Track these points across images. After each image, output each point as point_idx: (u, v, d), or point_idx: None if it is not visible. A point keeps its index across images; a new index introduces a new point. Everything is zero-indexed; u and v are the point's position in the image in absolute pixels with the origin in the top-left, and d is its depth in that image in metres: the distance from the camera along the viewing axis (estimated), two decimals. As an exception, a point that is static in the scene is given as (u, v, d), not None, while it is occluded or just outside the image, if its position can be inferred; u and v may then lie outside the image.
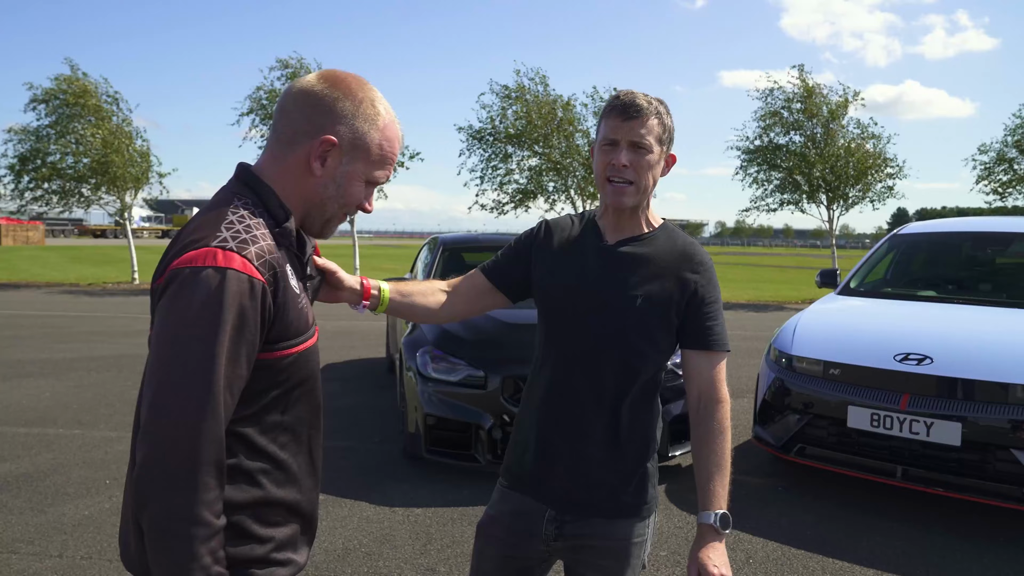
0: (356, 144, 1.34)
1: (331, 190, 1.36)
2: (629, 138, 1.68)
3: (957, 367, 4.07)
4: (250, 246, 1.22)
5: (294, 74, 19.08)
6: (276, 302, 1.25)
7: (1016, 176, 19.83)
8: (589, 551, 1.74)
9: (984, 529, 4.10)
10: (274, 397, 1.29)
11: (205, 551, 1.13)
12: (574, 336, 1.74)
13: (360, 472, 4.99)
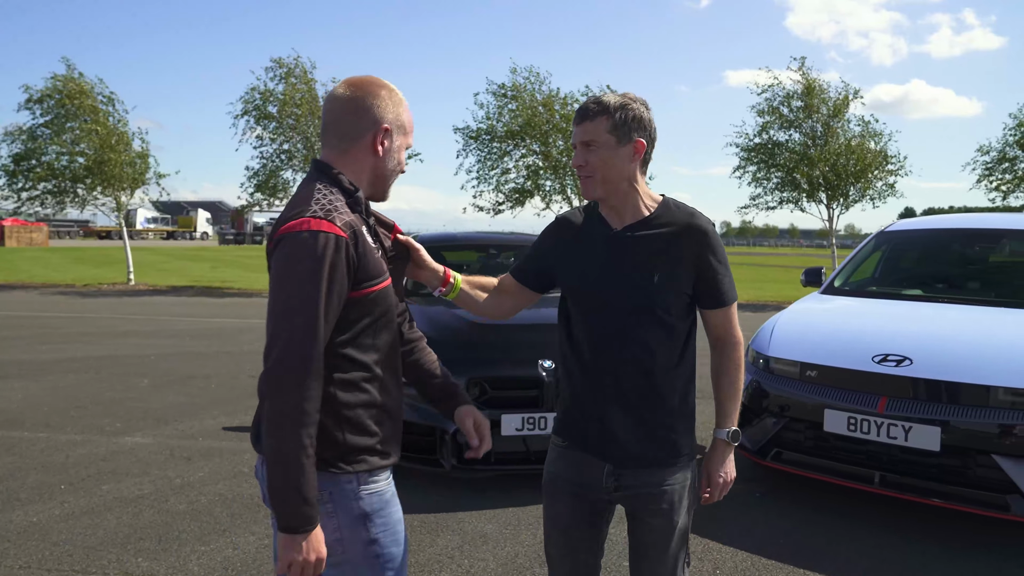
0: (399, 125, 1.81)
1: (391, 162, 1.81)
2: (580, 139, 1.97)
3: (937, 369, 3.89)
4: (334, 213, 1.63)
5: (289, 73, 18.97)
6: (357, 252, 1.65)
7: (1018, 176, 19.57)
8: (647, 498, 2.00)
9: (963, 537, 3.92)
10: (365, 325, 1.70)
11: (306, 436, 1.54)
12: (603, 317, 1.99)
13: (324, 477, 4.84)
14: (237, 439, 5.66)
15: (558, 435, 2.14)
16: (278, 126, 19.10)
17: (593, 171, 1.96)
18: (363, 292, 1.68)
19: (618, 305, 1.96)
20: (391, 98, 1.79)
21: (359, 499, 1.72)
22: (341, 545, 1.69)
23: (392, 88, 1.81)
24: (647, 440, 1.99)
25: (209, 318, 13.61)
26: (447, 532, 3.99)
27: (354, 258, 1.65)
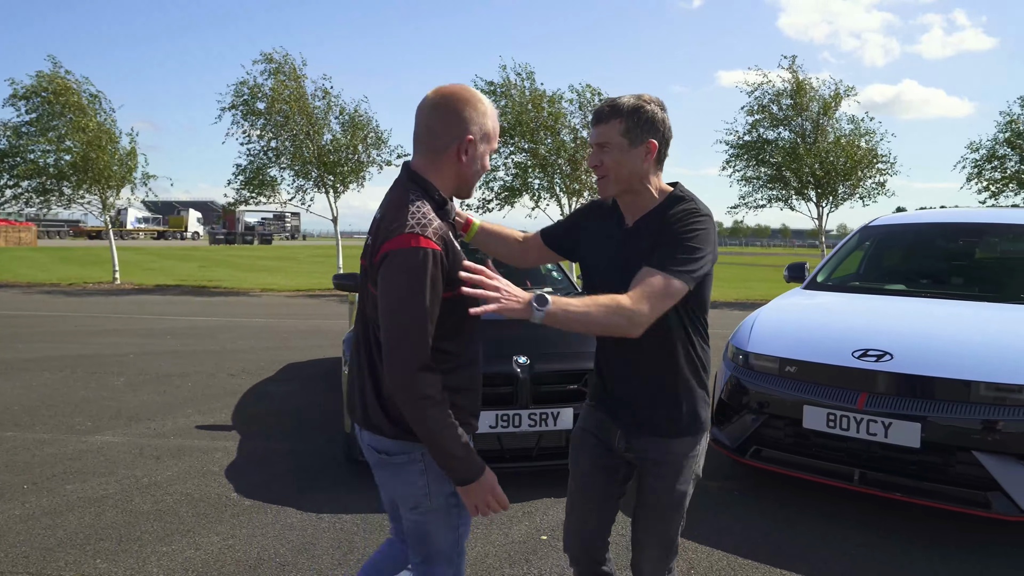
0: (484, 134, 1.99)
1: (475, 167, 2.01)
2: (595, 141, 2.11)
3: (917, 364, 3.80)
4: (428, 227, 1.84)
5: (278, 69, 18.77)
6: (448, 260, 1.87)
7: (1007, 175, 19.55)
8: (651, 463, 2.20)
9: (946, 536, 3.83)
10: (456, 319, 1.93)
11: (445, 414, 1.85)
12: None
13: (295, 476, 4.73)
14: (209, 438, 5.54)
15: (590, 398, 2.40)
16: (266, 123, 18.91)
17: (607, 171, 2.12)
18: (453, 294, 1.90)
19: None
20: (477, 108, 1.97)
21: None
22: (428, 497, 2.00)
23: (479, 98, 1.98)
24: (653, 411, 2.18)
25: (193, 317, 13.46)
26: (417, 532, 3.89)
27: (446, 265, 1.88)
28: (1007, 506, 3.51)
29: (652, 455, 2.21)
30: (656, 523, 2.26)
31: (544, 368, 4.45)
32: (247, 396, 6.95)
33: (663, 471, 2.20)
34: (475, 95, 1.98)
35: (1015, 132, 19.36)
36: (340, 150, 19.26)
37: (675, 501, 2.22)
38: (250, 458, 5.08)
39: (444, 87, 1.98)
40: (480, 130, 1.98)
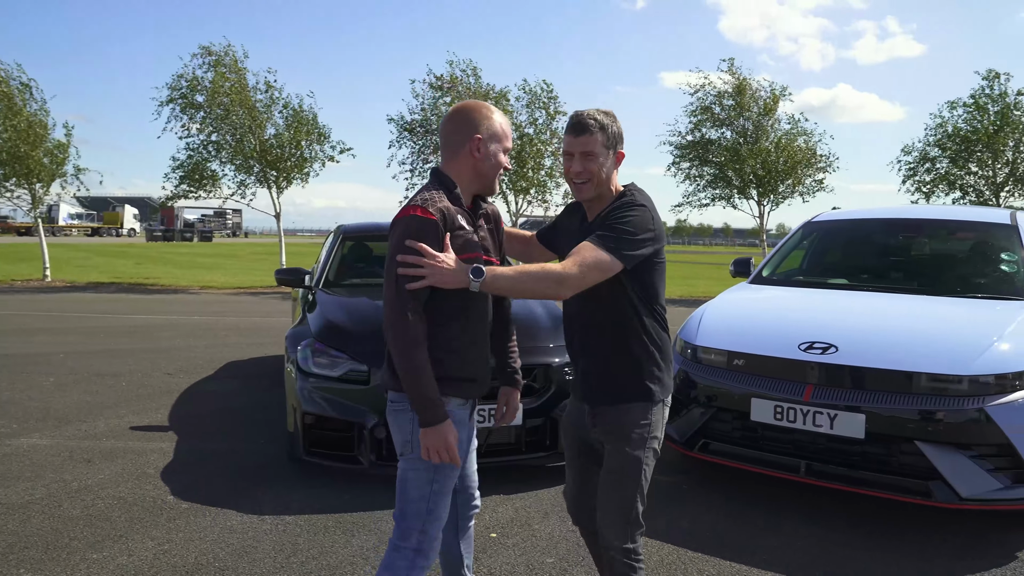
0: (491, 134, 2.31)
1: (489, 163, 2.32)
2: (579, 150, 2.36)
3: (861, 356, 3.85)
4: (431, 205, 2.20)
5: (218, 61, 18.28)
6: (446, 228, 2.19)
7: (939, 176, 20.28)
8: (608, 430, 2.41)
9: (890, 525, 3.89)
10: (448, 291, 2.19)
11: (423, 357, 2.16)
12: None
13: (235, 477, 4.57)
14: (145, 439, 5.32)
15: (571, 388, 2.64)
16: (206, 116, 18.39)
17: (591, 177, 2.37)
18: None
19: None
20: (482, 112, 2.32)
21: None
22: (411, 445, 2.28)
23: (486, 106, 2.34)
24: (608, 379, 2.40)
25: (129, 315, 13.01)
26: (363, 532, 3.78)
27: (442, 233, 2.19)
28: (948, 494, 3.57)
29: (609, 421, 2.41)
30: (612, 489, 2.40)
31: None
32: (185, 395, 6.72)
33: (617, 435, 2.39)
34: (481, 104, 2.35)
35: (945, 135, 20.07)
36: (283, 145, 18.85)
37: (630, 466, 2.37)
38: (187, 459, 4.89)
39: (460, 103, 2.40)
40: (488, 130, 2.31)
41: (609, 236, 2.23)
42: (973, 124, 19.80)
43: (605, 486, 2.42)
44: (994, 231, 5.20)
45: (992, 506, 3.59)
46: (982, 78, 19.95)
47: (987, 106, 19.77)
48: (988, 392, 3.60)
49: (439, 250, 2.15)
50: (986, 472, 3.58)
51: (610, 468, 2.40)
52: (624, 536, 2.40)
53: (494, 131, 2.32)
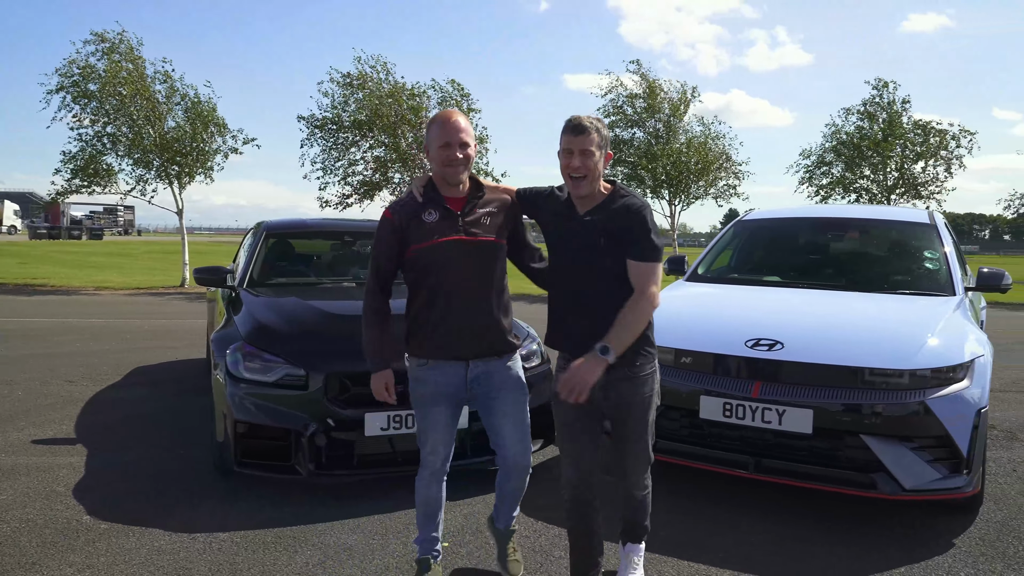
0: (428, 139, 2.96)
1: (436, 160, 2.91)
2: (580, 147, 2.71)
3: (807, 352, 3.91)
4: (393, 205, 2.98)
5: (112, 48, 17.24)
6: (403, 225, 2.91)
7: (835, 179, 21.36)
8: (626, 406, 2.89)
9: (843, 521, 3.97)
10: (417, 270, 2.94)
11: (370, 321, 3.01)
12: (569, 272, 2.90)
13: (157, 492, 4.24)
14: (50, 453, 4.89)
15: (563, 359, 2.93)
16: (99, 106, 17.31)
17: (588, 172, 2.73)
18: (410, 252, 2.92)
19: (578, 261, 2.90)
20: (428, 126, 2.96)
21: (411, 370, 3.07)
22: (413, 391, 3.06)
23: (436, 116, 2.95)
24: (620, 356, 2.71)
25: (18, 318, 12.09)
26: (306, 547, 3.56)
27: (401, 229, 2.92)
28: (892, 486, 3.66)
29: (624, 392, 2.83)
30: (642, 450, 2.97)
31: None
32: (91, 405, 6.24)
33: (636, 405, 2.86)
34: (439, 114, 2.94)
35: (839, 141, 21.12)
36: (184, 138, 17.96)
37: (649, 428, 2.95)
38: (102, 474, 4.52)
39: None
40: (426, 138, 2.97)
41: (649, 249, 2.74)
42: (864, 131, 20.92)
43: (633, 448, 2.95)
44: (915, 230, 5.43)
45: (932, 496, 3.70)
46: (872, 87, 21.11)
47: (876, 114, 20.92)
48: (927, 385, 3.71)
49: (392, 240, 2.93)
50: (925, 463, 3.69)
51: (635, 433, 2.92)
52: (648, 476, 3.07)
53: (428, 137, 2.93)
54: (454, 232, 2.87)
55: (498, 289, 2.99)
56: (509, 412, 3.03)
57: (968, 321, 4.31)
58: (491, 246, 2.95)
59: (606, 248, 2.76)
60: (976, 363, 3.83)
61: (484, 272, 2.93)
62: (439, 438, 3.02)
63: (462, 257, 2.88)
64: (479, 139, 20.07)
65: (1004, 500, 4.24)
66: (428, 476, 3.09)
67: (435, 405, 2.98)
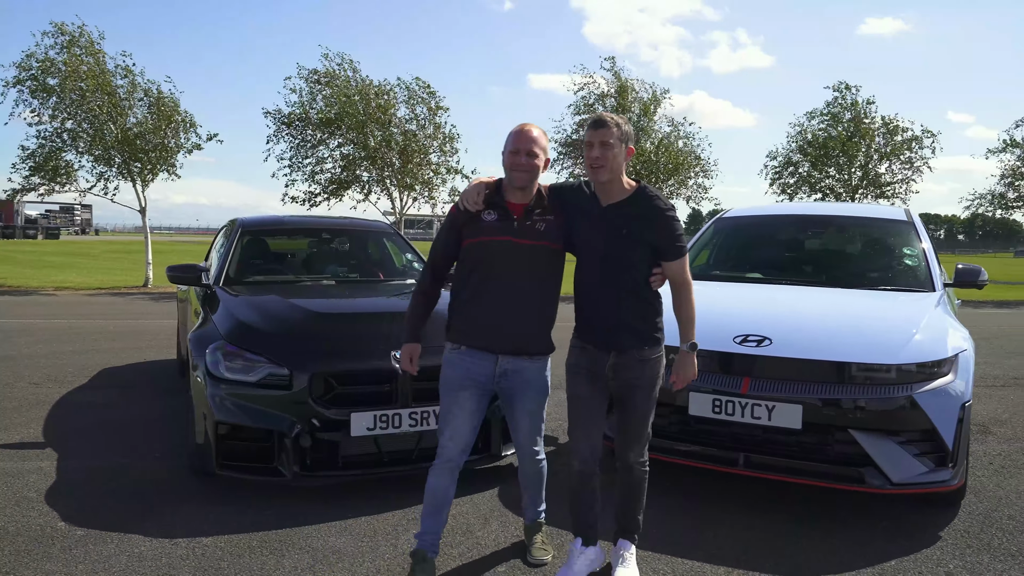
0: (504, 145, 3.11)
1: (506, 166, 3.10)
2: (599, 139, 2.94)
3: (795, 347, 3.92)
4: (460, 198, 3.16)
5: (72, 41, 16.77)
6: (463, 221, 3.11)
7: (801, 178, 21.72)
8: (634, 384, 3.08)
9: (825, 516, 3.99)
10: (466, 265, 3.14)
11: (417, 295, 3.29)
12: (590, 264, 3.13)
13: (134, 496, 4.11)
14: (18, 458, 4.73)
15: (579, 340, 3.19)
16: (59, 101, 16.84)
17: (606, 162, 2.95)
18: (464, 244, 3.12)
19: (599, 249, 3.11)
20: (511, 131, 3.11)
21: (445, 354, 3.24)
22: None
23: (518, 125, 3.12)
24: (634, 333, 3.06)
25: (-27, 319, 11.70)
26: (294, 550, 3.48)
27: (459, 223, 3.12)
28: (880, 480, 3.69)
29: (635, 371, 3.06)
30: (642, 426, 3.14)
31: (425, 363, 4.14)
32: (58, 408, 6.05)
33: (643, 384, 3.08)
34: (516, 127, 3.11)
35: (805, 141, 21.46)
36: (147, 134, 17.56)
37: (652, 406, 3.15)
38: (74, 479, 4.37)
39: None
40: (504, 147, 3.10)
41: (680, 248, 3.04)
42: (829, 132, 21.29)
43: (637, 424, 3.13)
44: (894, 227, 5.50)
45: (919, 489, 3.73)
46: (834, 89, 21.49)
47: (841, 115, 21.30)
48: (913, 380, 3.75)
49: (450, 230, 3.17)
50: (912, 457, 3.72)
51: (640, 410, 3.12)
52: (645, 452, 3.22)
53: (505, 144, 3.09)
54: (507, 233, 3.05)
55: (544, 292, 3.15)
56: (529, 410, 3.22)
57: (950, 316, 4.37)
58: (542, 250, 3.10)
59: (630, 239, 2.99)
60: (960, 357, 3.88)
61: (531, 274, 3.10)
62: (460, 425, 3.14)
63: (510, 258, 3.05)
64: (450, 137, 19.95)
65: (983, 493, 4.31)
66: (441, 465, 3.17)
67: (462, 389, 3.13)
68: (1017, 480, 4.55)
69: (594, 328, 3.10)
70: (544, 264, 3.12)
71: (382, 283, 5.86)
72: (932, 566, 3.39)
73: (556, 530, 3.65)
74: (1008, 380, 7.63)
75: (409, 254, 6.32)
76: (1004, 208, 22.50)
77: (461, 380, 3.14)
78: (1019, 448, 5.22)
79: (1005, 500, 4.20)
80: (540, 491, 3.44)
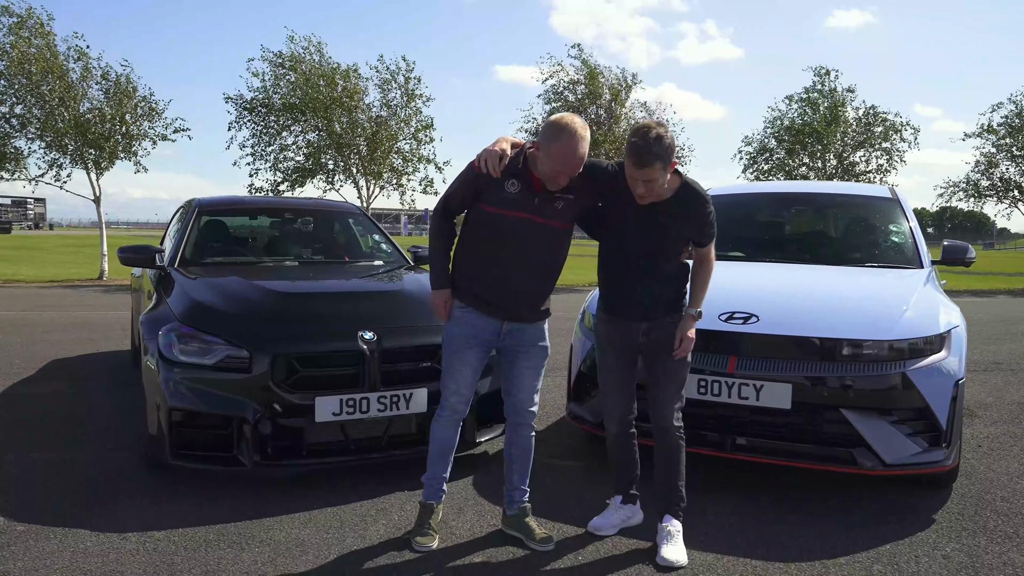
0: (546, 151, 2.96)
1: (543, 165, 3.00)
2: (643, 179, 2.93)
3: (784, 324, 3.76)
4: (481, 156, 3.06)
5: (20, 23, 16.09)
6: (486, 181, 3.05)
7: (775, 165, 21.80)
8: (667, 328, 3.20)
9: (814, 499, 3.83)
10: (480, 228, 3.12)
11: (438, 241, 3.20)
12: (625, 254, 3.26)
13: (83, 490, 3.82)
14: (-45, 451, 4.38)
15: (606, 314, 3.31)
16: (7, 86, 16.16)
17: (651, 196, 3.01)
18: (482, 206, 3.07)
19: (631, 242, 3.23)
20: (555, 130, 2.95)
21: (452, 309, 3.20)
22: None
23: (563, 130, 2.93)
24: (666, 304, 3.20)
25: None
26: (253, 543, 3.22)
27: (478, 183, 3.06)
28: (873, 461, 3.54)
29: (666, 321, 3.18)
30: (676, 389, 3.21)
31: (394, 344, 3.93)
32: (2, 399, 5.69)
33: (674, 328, 3.17)
34: (564, 125, 2.95)
35: (782, 128, 21.53)
36: (105, 121, 16.92)
37: (685, 368, 3.24)
38: (17, 473, 4.05)
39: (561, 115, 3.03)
40: (545, 145, 2.96)
41: (713, 234, 3.21)
42: (805, 118, 21.37)
43: (671, 387, 3.20)
44: (880, 204, 5.38)
45: (913, 470, 3.60)
46: (814, 74, 21.53)
47: (818, 102, 21.39)
48: (906, 357, 3.61)
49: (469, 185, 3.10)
50: (905, 436, 3.58)
51: (673, 373, 3.19)
52: (680, 417, 3.23)
53: (549, 142, 2.94)
54: (525, 210, 3.03)
55: (551, 268, 3.21)
56: (531, 366, 3.25)
57: (940, 293, 4.25)
58: (556, 231, 3.12)
59: (668, 232, 3.10)
60: (952, 334, 3.75)
61: (543, 252, 3.13)
62: (464, 379, 3.20)
63: (526, 234, 3.06)
64: (425, 126, 19.56)
65: (975, 475, 4.20)
66: (447, 417, 3.25)
67: (468, 347, 3.16)
68: (1007, 462, 4.45)
69: (624, 307, 3.21)
70: (556, 242, 3.16)
71: (348, 264, 5.59)
72: (928, 549, 3.25)
73: (542, 521, 3.44)
74: (989, 365, 7.62)
75: (376, 235, 6.05)
76: (978, 196, 22.63)
77: (467, 338, 3.17)
78: (1006, 431, 5.14)
79: (997, 482, 4.09)
80: (527, 468, 3.36)
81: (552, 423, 5.25)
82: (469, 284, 3.16)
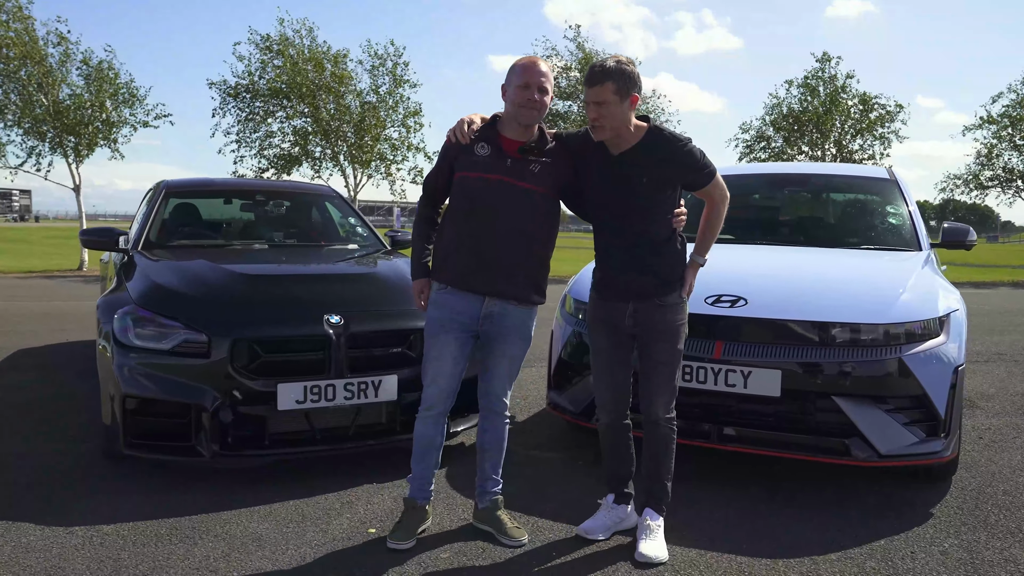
0: (509, 77, 2.92)
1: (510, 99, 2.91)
2: (593, 99, 2.80)
3: (773, 308, 3.56)
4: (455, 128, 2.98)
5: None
6: (457, 150, 2.96)
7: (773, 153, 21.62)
8: (656, 332, 2.97)
9: (807, 490, 3.65)
10: (456, 199, 3.00)
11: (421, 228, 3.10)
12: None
13: (34, 483, 3.60)
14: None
15: (596, 293, 3.11)
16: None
17: (603, 122, 2.79)
18: (456, 176, 2.98)
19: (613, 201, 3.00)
20: (513, 65, 2.94)
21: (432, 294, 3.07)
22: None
23: (520, 61, 2.93)
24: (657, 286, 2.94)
25: None
26: (207, 538, 3.01)
27: (450, 153, 3.00)
28: (867, 452, 3.35)
29: (656, 318, 2.94)
30: (667, 378, 2.98)
31: (362, 328, 3.71)
32: (-39, 388, 5.45)
33: (666, 333, 2.94)
34: (521, 60, 2.93)
35: (780, 114, 21.32)
36: (84, 107, 16.59)
37: (677, 357, 2.99)
38: (-37, 464, 3.83)
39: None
40: (508, 75, 2.93)
41: (708, 174, 2.91)
42: (805, 105, 21.17)
43: (658, 375, 2.97)
44: (877, 185, 5.19)
45: (909, 461, 3.42)
46: (816, 60, 21.30)
47: (818, 88, 21.18)
48: (902, 341, 3.42)
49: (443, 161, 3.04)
50: (901, 426, 3.39)
51: (663, 360, 2.96)
52: (671, 408, 3.03)
53: (509, 78, 2.91)
54: (499, 172, 2.90)
55: (536, 238, 2.99)
56: (509, 355, 3.06)
57: (939, 276, 4.07)
58: (532, 195, 2.94)
59: (650, 187, 2.86)
60: (952, 317, 3.56)
61: (522, 218, 2.93)
62: (443, 368, 3.00)
63: (501, 197, 2.90)
64: (413, 112, 19.25)
65: (975, 467, 4.01)
66: (425, 413, 3.06)
67: (446, 332, 2.98)
68: (1009, 454, 4.27)
69: (610, 282, 3.01)
70: (536, 209, 2.96)
71: (322, 248, 5.36)
72: (925, 545, 3.07)
73: (515, 514, 3.24)
74: (991, 356, 7.45)
75: (352, 218, 5.82)
76: (979, 188, 22.46)
77: (444, 321, 2.99)
78: (1008, 422, 4.96)
79: (999, 475, 3.91)
80: (500, 457, 3.19)
81: (534, 413, 5.05)
82: (445, 261, 3.00)
